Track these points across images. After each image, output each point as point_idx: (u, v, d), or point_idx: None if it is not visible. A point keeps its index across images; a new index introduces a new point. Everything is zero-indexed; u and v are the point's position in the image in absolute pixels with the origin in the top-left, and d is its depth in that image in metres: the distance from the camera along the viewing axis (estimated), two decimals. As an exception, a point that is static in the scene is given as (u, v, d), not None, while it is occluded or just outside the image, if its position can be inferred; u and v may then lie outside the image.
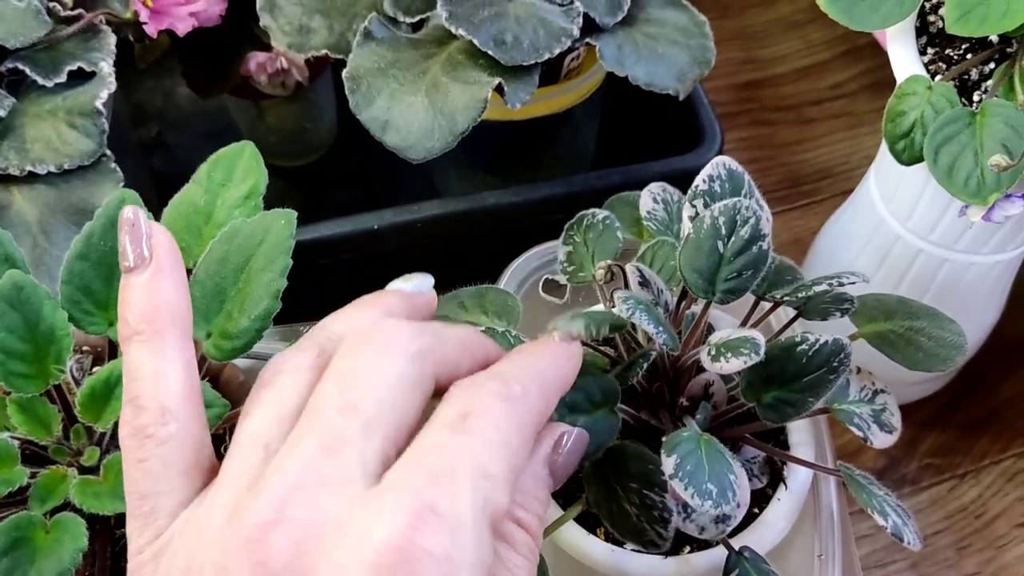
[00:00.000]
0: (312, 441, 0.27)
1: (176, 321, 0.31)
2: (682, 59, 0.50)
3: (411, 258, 0.61)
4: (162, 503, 0.29)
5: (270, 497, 0.26)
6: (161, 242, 0.32)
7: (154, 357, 0.31)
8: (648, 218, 0.45)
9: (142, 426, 0.30)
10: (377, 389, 0.28)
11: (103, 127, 0.49)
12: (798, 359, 0.37)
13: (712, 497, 0.33)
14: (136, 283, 0.31)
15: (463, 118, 0.45)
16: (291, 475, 0.27)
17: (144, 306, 0.31)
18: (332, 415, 0.28)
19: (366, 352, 0.29)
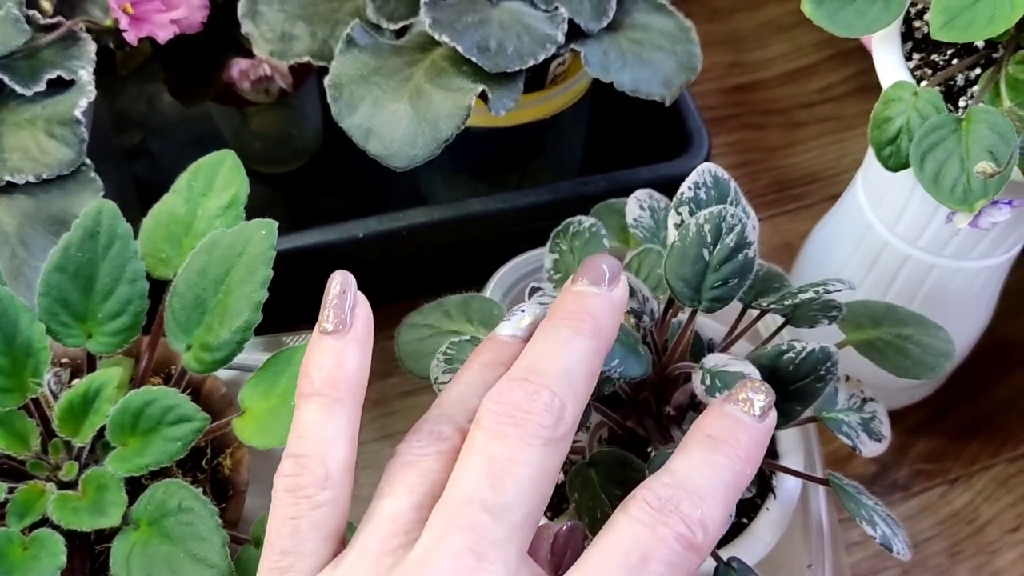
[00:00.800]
0: (459, 541, 0.27)
1: (356, 392, 0.32)
2: (668, 65, 0.49)
3: (395, 266, 0.60)
4: (301, 564, 0.29)
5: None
6: (362, 314, 0.32)
7: (329, 422, 0.31)
8: (634, 225, 0.45)
9: (302, 486, 0.30)
10: (525, 488, 0.28)
11: (82, 136, 0.48)
12: (785, 368, 0.37)
13: None
14: (330, 346, 0.32)
15: (446, 125, 0.44)
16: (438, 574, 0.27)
17: (332, 371, 0.31)
18: (482, 517, 0.27)
19: (513, 440, 0.29)
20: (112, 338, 0.39)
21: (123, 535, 0.35)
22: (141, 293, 0.39)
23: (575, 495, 0.36)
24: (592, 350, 0.31)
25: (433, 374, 0.41)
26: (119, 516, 0.35)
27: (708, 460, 0.29)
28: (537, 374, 0.30)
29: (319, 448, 0.31)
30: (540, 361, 0.30)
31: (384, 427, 0.62)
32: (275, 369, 0.38)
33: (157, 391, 0.37)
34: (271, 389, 0.38)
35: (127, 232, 0.39)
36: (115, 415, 0.37)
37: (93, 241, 0.39)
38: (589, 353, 0.31)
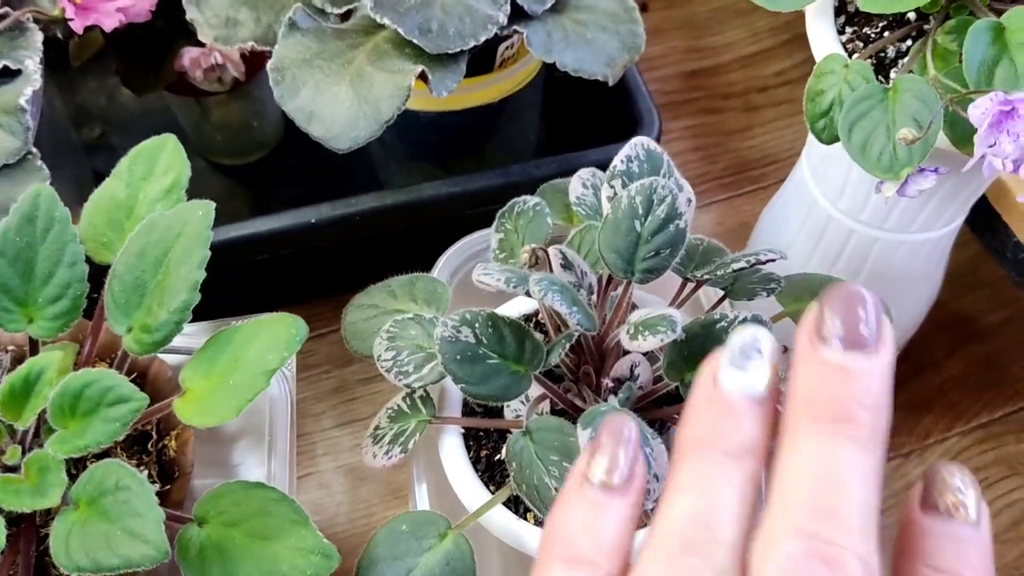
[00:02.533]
0: None
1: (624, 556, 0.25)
2: (611, 45, 0.50)
3: (349, 252, 0.61)
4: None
5: None
6: (641, 472, 0.25)
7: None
8: (577, 203, 0.45)
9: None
10: None
11: (27, 124, 0.48)
12: (717, 337, 0.37)
13: None
14: (617, 507, 0.24)
15: (387, 107, 0.44)
16: None
17: (619, 537, 0.24)
18: None
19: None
20: (53, 322, 0.40)
21: (63, 515, 0.36)
22: (80, 276, 0.40)
23: (512, 464, 0.37)
24: (878, 472, 0.23)
25: (376, 352, 0.42)
26: (59, 497, 0.35)
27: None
28: (832, 521, 0.22)
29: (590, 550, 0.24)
30: (828, 497, 0.22)
31: (345, 413, 0.62)
32: (215, 349, 0.39)
33: (96, 373, 0.37)
34: (211, 369, 0.38)
35: (65, 216, 0.40)
36: (55, 397, 0.37)
37: (31, 226, 0.39)
38: (875, 476, 0.22)
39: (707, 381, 0.24)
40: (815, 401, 0.23)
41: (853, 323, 0.23)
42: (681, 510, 0.23)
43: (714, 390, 0.24)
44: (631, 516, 0.25)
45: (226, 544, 0.37)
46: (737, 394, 0.24)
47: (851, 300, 0.23)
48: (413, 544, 0.37)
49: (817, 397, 0.23)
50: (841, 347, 0.23)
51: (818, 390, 0.23)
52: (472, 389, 0.37)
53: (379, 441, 0.42)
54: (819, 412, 0.23)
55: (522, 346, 0.38)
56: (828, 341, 0.23)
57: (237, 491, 0.38)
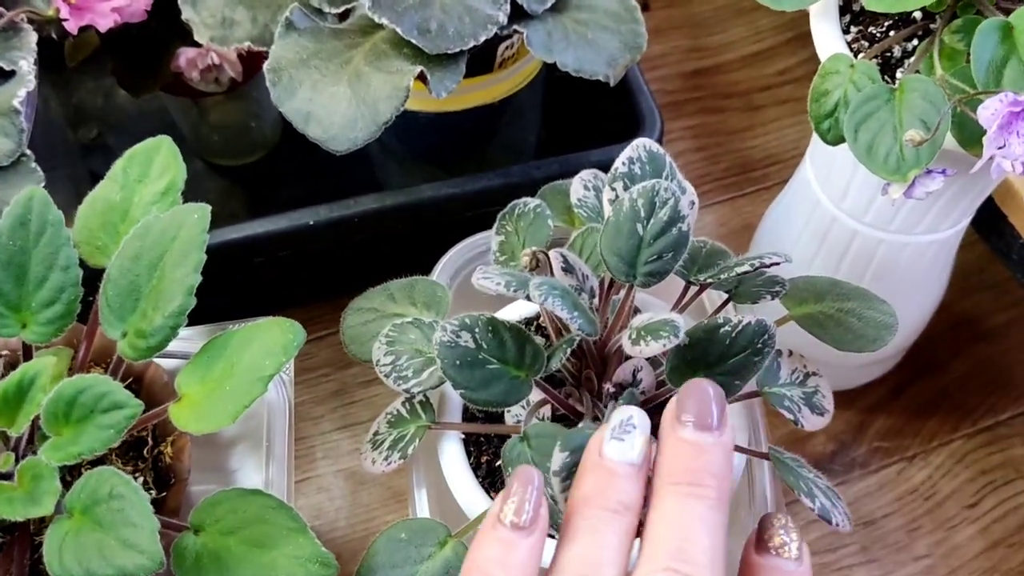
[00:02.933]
0: None
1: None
2: (612, 44, 0.49)
3: (348, 254, 0.60)
4: None
5: None
6: (544, 514, 0.31)
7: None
8: (579, 205, 0.44)
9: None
10: None
11: (21, 126, 0.47)
12: (721, 341, 0.37)
13: None
14: (524, 544, 0.30)
15: (386, 107, 0.44)
16: None
17: (526, 567, 0.30)
18: None
19: None
20: (47, 327, 0.39)
21: (56, 523, 0.35)
22: (74, 281, 0.39)
23: (508, 469, 0.36)
24: (723, 523, 0.30)
25: (375, 356, 0.41)
26: (52, 505, 0.35)
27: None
28: (687, 562, 0.28)
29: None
30: (684, 543, 0.29)
31: (345, 417, 0.62)
32: (211, 354, 0.38)
33: (90, 379, 0.37)
34: (207, 374, 0.38)
35: (58, 219, 0.39)
36: (49, 404, 0.37)
37: (24, 229, 0.39)
38: (722, 527, 0.30)
39: (594, 450, 0.31)
40: (674, 471, 0.30)
41: (703, 410, 0.31)
42: (573, 554, 0.30)
43: (599, 458, 0.31)
44: (536, 550, 0.30)
45: (222, 552, 0.36)
46: (617, 461, 0.31)
47: (701, 392, 0.31)
48: (412, 552, 0.37)
49: (676, 467, 0.30)
50: (694, 428, 0.31)
51: (677, 461, 0.30)
52: (472, 395, 0.37)
53: (378, 447, 0.42)
54: (677, 478, 0.30)
55: (523, 351, 0.37)
56: (684, 424, 0.31)
57: (234, 498, 0.37)
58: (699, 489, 0.30)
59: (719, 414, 0.31)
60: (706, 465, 0.30)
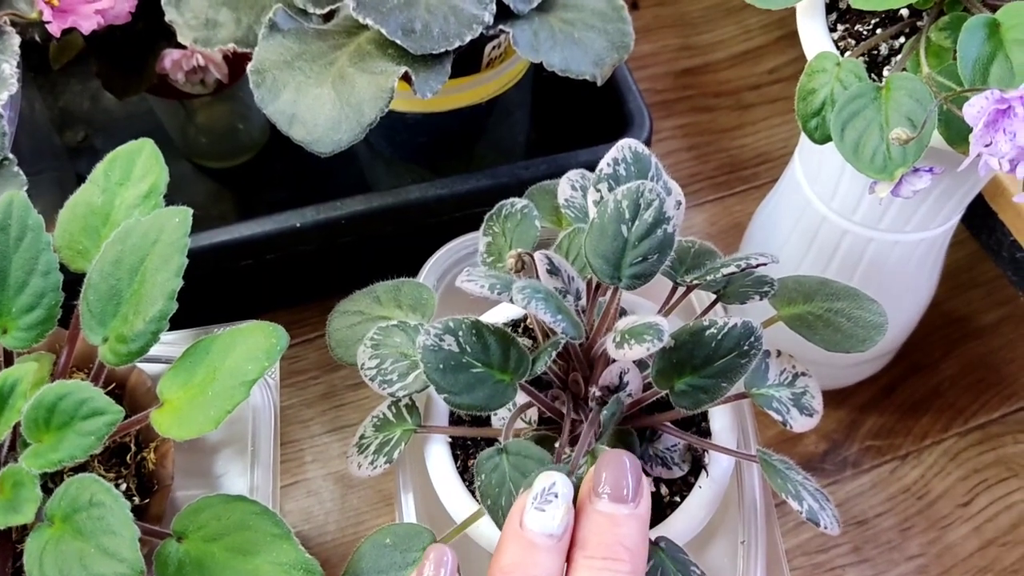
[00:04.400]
0: None
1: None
2: (599, 44, 0.49)
3: (336, 256, 0.60)
4: None
5: None
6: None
7: None
8: (566, 206, 0.44)
9: None
10: None
11: (3, 129, 0.47)
12: (707, 344, 0.36)
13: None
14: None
15: (370, 109, 0.43)
16: None
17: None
18: None
19: None
20: (27, 332, 0.39)
21: (37, 532, 0.35)
22: (55, 285, 0.39)
23: (482, 476, 0.36)
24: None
25: (360, 360, 0.41)
26: (32, 513, 0.34)
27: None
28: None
29: None
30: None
31: (334, 419, 0.62)
32: (193, 359, 0.38)
33: (71, 385, 0.36)
34: (189, 379, 0.37)
35: (38, 224, 0.39)
36: (29, 411, 0.36)
37: (4, 234, 0.38)
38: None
39: (515, 519, 0.32)
40: (589, 543, 0.31)
41: (618, 483, 0.32)
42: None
43: (520, 528, 0.32)
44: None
45: (206, 560, 0.36)
46: (537, 532, 0.31)
47: (618, 464, 0.32)
48: (397, 558, 0.36)
49: (591, 540, 0.31)
50: (609, 500, 0.32)
51: (592, 534, 0.31)
52: (456, 399, 0.36)
53: (364, 451, 0.41)
54: (592, 551, 0.31)
55: (507, 354, 0.37)
56: (600, 496, 0.32)
57: (217, 504, 0.37)
58: (613, 563, 0.31)
59: (635, 485, 0.32)
60: (621, 538, 0.31)
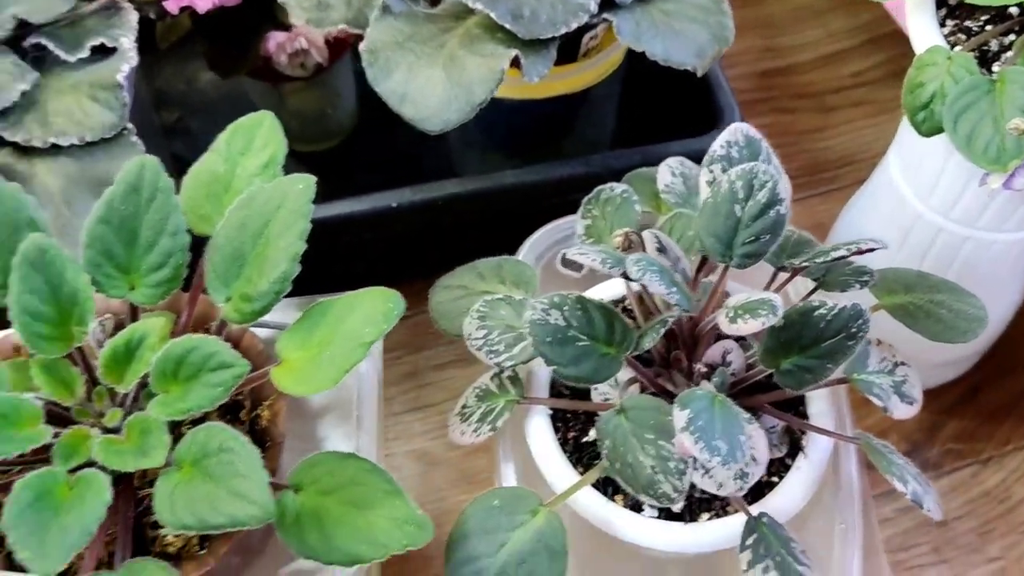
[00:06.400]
0: None
1: None
2: (701, 36, 0.50)
3: (428, 238, 0.61)
4: None
5: None
6: None
7: None
8: (666, 191, 0.45)
9: None
10: None
11: (124, 100, 0.49)
12: (815, 324, 0.37)
13: (721, 454, 0.33)
14: None
15: (480, 90, 0.45)
16: None
17: None
18: None
19: None
20: (154, 289, 0.40)
21: (165, 475, 0.36)
22: (182, 246, 0.40)
23: (605, 441, 0.37)
24: None
25: (467, 331, 0.42)
26: (163, 457, 0.36)
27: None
28: None
29: None
30: None
31: (416, 398, 0.63)
32: (311, 321, 0.39)
33: (198, 339, 0.38)
34: (307, 340, 0.39)
35: (169, 186, 0.40)
36: (158, 362, 0.38)
37: (136, 195, 0.40)
38: None
39: None
40: None
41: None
42: None
43: None
44: None
45: (322, 512, 0.37)
46: None
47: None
48: (504, 519, 0.38)
49: None
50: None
51: None
52: (563, 371, 0.37)
53: (467, 419, 0.42)
54: None
55: (611, 329, 0.38)
56: None
57: (331, 461, 0.38)
58: None
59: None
60: None
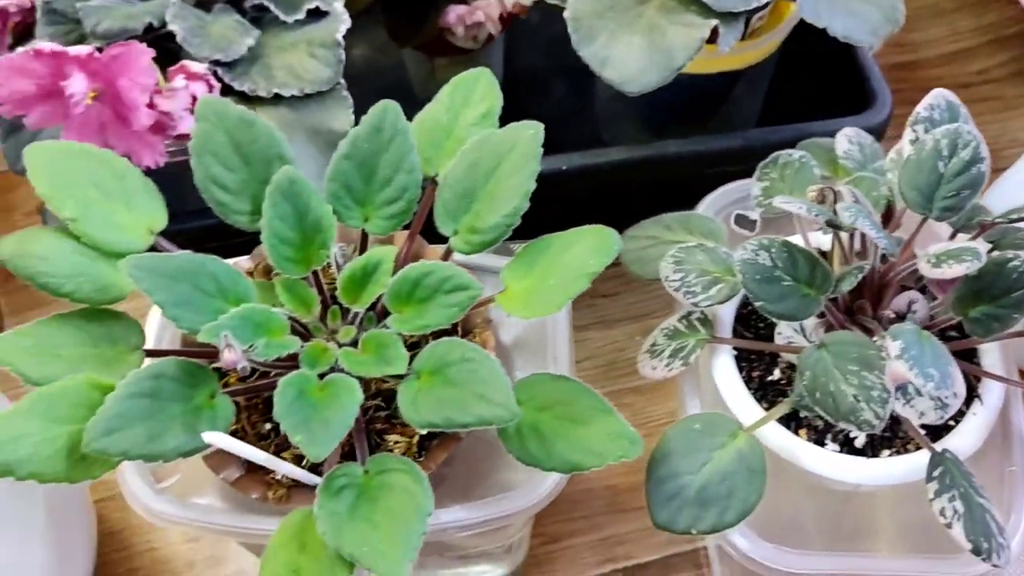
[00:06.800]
0: None
1: None
2: (874, 16, 0.53)
3: (591, 201, 0.65)
4: None
5: None
6: None
7: None
8: (845, 157, 0.48)
9: None
10: None
11: (340, 57, 0.54)
12: (1008, 275, 0.40)
13: (934, 380, 0.36)
14: None
15: (680, 55, 0.49)
16: None
17: None
18: None
19: None
20: (387, 222, 0.45)
21: (406, 383, 0.40)
22: (416, 182, 0.45)
23: (806, 374, 0.40)
24: None
25: (664, 273, 0.46)
26: (404, 366, 0.40)
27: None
28: None
29: None
30: None
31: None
32: (532, 255, 0.43)
33: (433, 265, 0.42)
34: (529, 271, 0.43)
35: (407, 128, 0.45)
36: (394, 284, 0.42)
37: (378, 135, 0.44)
38: None
39: None
40: None
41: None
42: None
43: None
44: None
45: (540, 425, 0.41)
46: None
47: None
48: (706, 441, 0.41)
49: None
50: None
51: None
52: (769, 307, 0.41)
53: (657, 355, 0.46)
54: None
55: (813, 272, 0.41)
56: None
57: (546, 381, 0.42)
58: None
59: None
60: None
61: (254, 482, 0.44)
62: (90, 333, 0.43)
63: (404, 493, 0.38)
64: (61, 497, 0.56)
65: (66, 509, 0.57)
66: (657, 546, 0.62)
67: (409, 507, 0.38)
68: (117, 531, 0.64)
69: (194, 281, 0.41)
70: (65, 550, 0.56)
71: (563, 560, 0.62)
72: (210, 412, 0.41)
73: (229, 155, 0.44)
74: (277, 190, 0.43)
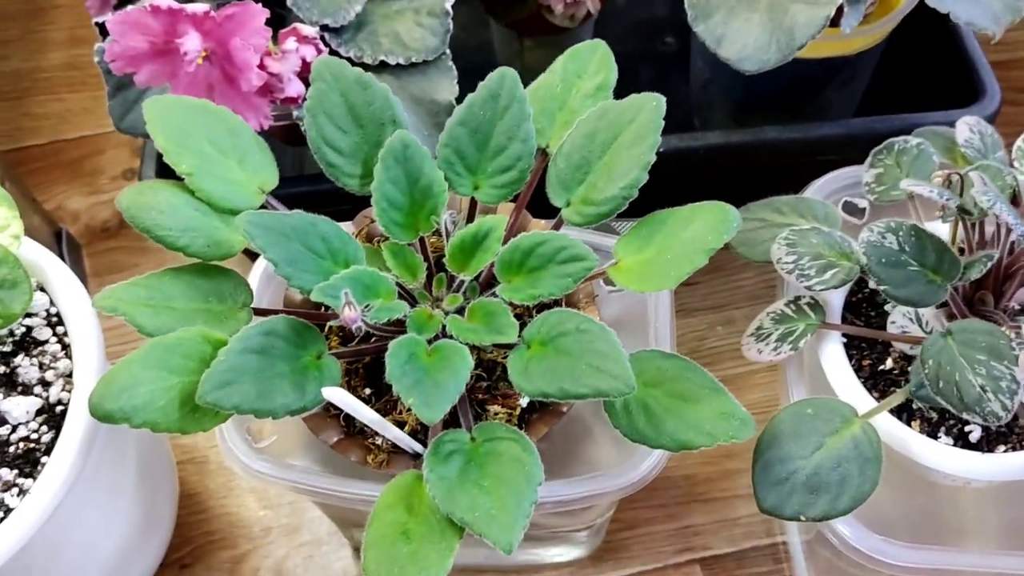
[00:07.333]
0: None
1: None
2: (996, 5, 0.52)
3: (688, 185, 0.64)
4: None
5: None
6: None
7: None
8: (966, 145, 0.47)
9: None
10: None
11: (448, 27, 0.54)
12: None
13: None
14: None
15: (802, 34, 0.48)
16: None
17: None
18: None
19: None
20: (498, 191, 0.44)
21: (516, 352, 0.40)
22: (530, 152, 0.44)
23: (928, 362, 0.39)
24: None
25: (776, 255, 0.45)
26: (515, 334, 0.40)
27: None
28: None
29: None
30: None
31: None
32: (648, 229, 0.43)
33: (547, 234, 0.42)
34: (645, 245, 0.42)
35: (524, 97, 0.44)
36: (505, 253, 0.42)
37: (494, 102, 0.44)
38: None
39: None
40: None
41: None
42: None
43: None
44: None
45: (649, 402, 0.40)
46: None
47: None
48: (819, 425, 0.40)
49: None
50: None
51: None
52: (893, 291, 0.40)
53: (763, 339, 0.45)
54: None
55: (941, 259, 0.40)
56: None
57: (655, 357, 0.41)
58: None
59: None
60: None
61: (354, 445, 0.44)
62: (201, 288, 0.43)
63: (514, 461, 0.38)
64: (149, 456, 0.56)
65: (153, 468, 0.57)
66: (734, 538, 0.61)
67: (519, 475, 0.38)
68: (195, 493, 0.64)
69: (305, 241, 0.41)
70: (151, 508, 0.56)
71: (639, 547, 0.61)
72: (317, 372, 0.40)
73: (343, 116, 0.44)
74: (390, 154, 0.43)
